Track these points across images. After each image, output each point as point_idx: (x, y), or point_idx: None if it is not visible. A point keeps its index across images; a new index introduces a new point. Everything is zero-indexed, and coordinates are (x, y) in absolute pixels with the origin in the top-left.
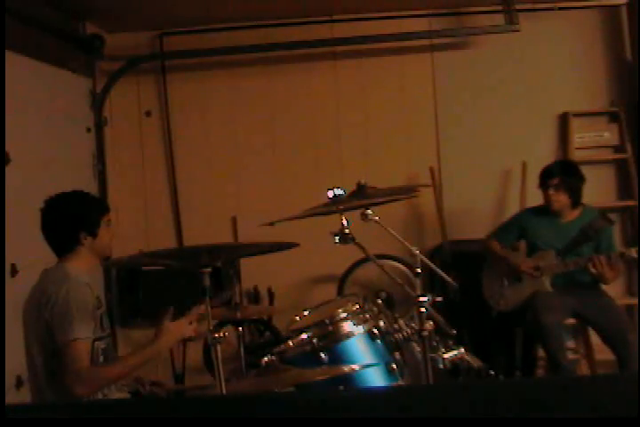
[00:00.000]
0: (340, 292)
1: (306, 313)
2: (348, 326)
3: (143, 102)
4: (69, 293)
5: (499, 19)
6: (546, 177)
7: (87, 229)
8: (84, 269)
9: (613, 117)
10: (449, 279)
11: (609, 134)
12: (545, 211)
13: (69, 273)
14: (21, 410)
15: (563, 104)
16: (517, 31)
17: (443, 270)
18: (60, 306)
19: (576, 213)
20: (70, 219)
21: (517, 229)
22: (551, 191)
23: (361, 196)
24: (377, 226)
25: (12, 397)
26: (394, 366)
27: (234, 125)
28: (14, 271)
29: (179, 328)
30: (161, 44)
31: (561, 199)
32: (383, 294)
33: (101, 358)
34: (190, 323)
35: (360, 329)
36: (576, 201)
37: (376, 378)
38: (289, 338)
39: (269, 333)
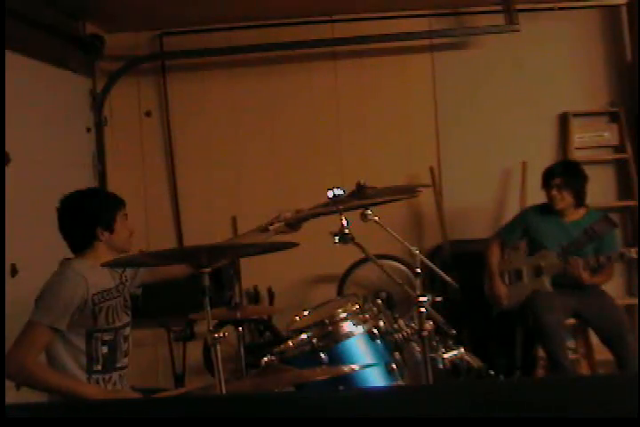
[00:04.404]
0: (339, 292)
1: (306, 313)
2: (347, 326)
3: (143, 102)
4: (59, 281)
5: (498, 19)
6: (548, 177)
7: (103, 224)
8: (97, 264)
9: (613, 117)
10: (449, 279)
11: (609, 134)
12: (549, 210)
13: (73, 265)
14: (21, 410)
15: (563, 104)
16: (517, 31)
17: (443, 270)
18: (44, 289)
19: (580, 213)
20: (86, 215)
21: (522, 227)
22: (554, 191)
23: (361, 196)
24: (377, 226)
25: (12, 397)
26: (394, 366)
27: (234, 125)
28: (14, 271)
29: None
30: (161, 44)
31: (565, 199)
32: (383, 294)
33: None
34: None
35: (360, 329)
36: (580, 201)
37: (376, 378)
38: (289, 338)
39: (269, 333)
